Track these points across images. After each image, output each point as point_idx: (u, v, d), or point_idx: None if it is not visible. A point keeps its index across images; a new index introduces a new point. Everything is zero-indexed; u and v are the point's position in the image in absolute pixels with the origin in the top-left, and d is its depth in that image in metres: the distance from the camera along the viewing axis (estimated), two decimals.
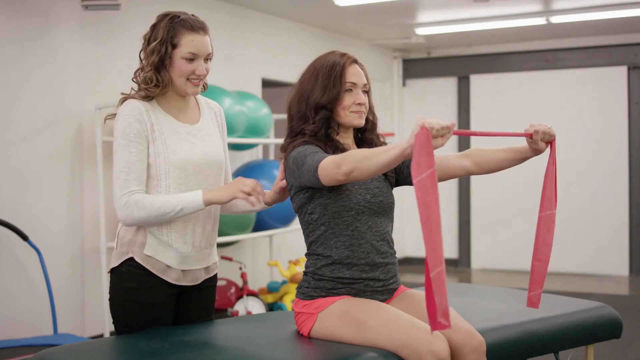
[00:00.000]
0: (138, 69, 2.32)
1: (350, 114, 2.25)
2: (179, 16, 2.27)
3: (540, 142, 2.20)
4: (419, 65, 8.65)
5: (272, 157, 6.58)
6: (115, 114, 2.30)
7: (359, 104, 2.25)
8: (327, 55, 2.29)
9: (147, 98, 2.27)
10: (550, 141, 2.23)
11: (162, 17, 2.29)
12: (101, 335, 4.70)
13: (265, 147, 6.91)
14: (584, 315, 2.60)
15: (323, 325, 2.16)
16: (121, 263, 2.28)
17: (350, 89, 2.25)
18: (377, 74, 8.03)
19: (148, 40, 2.28)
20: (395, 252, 2.30)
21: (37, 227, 4.47)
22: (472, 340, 2.07)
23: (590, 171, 7.72)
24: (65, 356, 2.11)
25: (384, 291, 2.24)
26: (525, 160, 2.27)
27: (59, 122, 4.65)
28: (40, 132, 4.55)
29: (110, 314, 2.35)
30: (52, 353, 2.14)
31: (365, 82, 2.28)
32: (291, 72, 6.75)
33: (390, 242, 2.28)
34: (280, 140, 5.25)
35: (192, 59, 2.25)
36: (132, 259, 2.26)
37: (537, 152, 2.23)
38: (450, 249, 8.48)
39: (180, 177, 2.25)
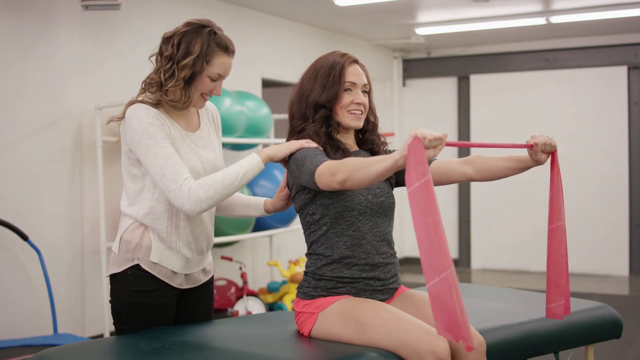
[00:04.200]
0: (153, 74, 2.23)
1: (348, 114, 2.25)
2: (216, 32, 2.22)
3: (540, 153, 2.18)
4: (419, 65, 8.65)
5: None
6: (120, 117, 2.23)
7: (357, 103, 2.25)
8: (328, 55, 2.30)
9: (158, 105, 2.21)
10: (551, 152, 2.21)
11: (199, 26, 2.22)
12: (101, 335, 4.70)
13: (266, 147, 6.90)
14: (584, 315, 2.60)
15: (323, 325, 2.16)
16: (126, 269, 2.26)
17: (350, 89, 2.25)
18: (377, 74, 8.02)
19: (177, 47, 2.19)
20: (395, 253, 2.30)
21: (37, 227, 4.47)
22: (473, 340, 2.07)
23: (590, 171, 7.72)
24: (65, 356, 2.11)
25: (384, 290, 2.24)
26: (526, 170, 2.26)
27: (59, 122, 4.65)
28: (40, 132, 4.55)
29: (111, 316, 2.34)
30: (52, 353, 2.14)
31: (366, 82, 2.28)
32: (291, 72, 6.77)
33: (390, 243, 2.28)
34: (281, 140, 5.25)
35: (215, 79, 2.23)
36: (137, 265, 2.24)
37: (538, 163, 2.22)
38: (450, 249, 8.45)
39: None
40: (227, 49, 2.24)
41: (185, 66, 2.17)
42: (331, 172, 2.00)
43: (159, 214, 2.24)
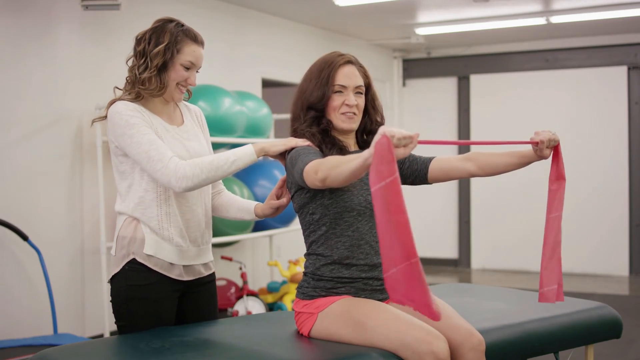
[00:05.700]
0: (128, 73, 2.34)
1: (339, 115, 2.24)
2: (183, 24, 2.34)
3: (545, 149, 2.23)
4: (419, 65, 8.65)
5: None
6: (103, 117, 2.37)
7: (347, 105, 2.24)
8: (326, 55, 2.30)
9: (137, 99, 2.30)
10: (554, 146, 2.27)
11: (166, 21, 2.34)
12: (101, 335, 4.70)
13: None
14: (584, 315, 2.60)
15: (323, 325, 2.16)
16: (123, 265, 2.28)
17: (340, 91, 2.24)
18: (377, 74, 8.02)
19: (148, 41, 2.30)
20: None
21: (37, 227, 4.47)
22: (472, 339, 2.07)
23: (590, 171, 7.72)
24: (65, 356, 2.11)
25: (384, 290, 2.24)
26: (529, 164, 2.30)
27: (59, 122, 4.65)
28: (40, 132, 4.55)
29: (111, 316, 2.35)
30: (52, 353, 2.14)
31: (359, 84, 2.27)
32: (291, 72, 6.78)
33: None
34: None
35: (189, 67, 2.32)
36: (134, 260, 2.27)
37: (542, 158, 2.27)
38: (450, 249, 8.48)
39: None
40: (196, 38, 2.34)
41: (157, 54, 2.27)
42: (314, 170, 2.00)
43: (148, 202, 2.28)
